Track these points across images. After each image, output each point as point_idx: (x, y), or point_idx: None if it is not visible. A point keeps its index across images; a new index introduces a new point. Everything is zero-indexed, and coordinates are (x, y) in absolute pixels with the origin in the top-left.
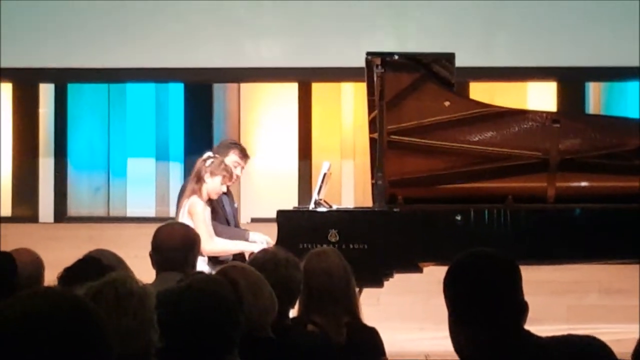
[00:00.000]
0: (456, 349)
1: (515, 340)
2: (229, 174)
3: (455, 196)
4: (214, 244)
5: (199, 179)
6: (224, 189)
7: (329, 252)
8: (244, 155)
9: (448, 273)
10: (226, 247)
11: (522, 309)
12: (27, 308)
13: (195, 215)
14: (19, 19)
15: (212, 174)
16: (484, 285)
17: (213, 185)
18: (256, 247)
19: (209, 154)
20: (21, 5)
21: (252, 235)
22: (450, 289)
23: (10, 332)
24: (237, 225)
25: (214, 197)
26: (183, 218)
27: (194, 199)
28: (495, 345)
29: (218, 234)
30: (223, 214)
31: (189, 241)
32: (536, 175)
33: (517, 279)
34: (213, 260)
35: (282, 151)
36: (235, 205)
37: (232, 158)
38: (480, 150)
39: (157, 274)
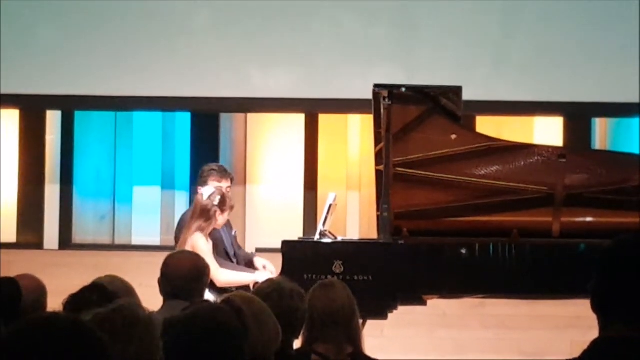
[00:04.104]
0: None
1: None
2: (232, 204)
3: (460, 229)
4: (222, 276)
5: (209, 218)
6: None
7: (335, 284)
8: (222, 176)
9: (611, 251)
10: (234, 278)
11: None
12: (32, 333)
13: (199, 251)
14: (27, 45)
15: (223, 211)
16: None
17: (223, 220)
18: (261, 278)
19: (211, 190)
20: (29, 32)
21: (258, 260)
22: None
23: (15, 357)
24: (235, 252)
25: (220, 227)
26: None
27: (197, 235)
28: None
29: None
30: (222, 245)
31: (197, 271)
32: (542, 210)
33: None
34: (218, 289)
35: (287, 181)
36: (234, 232)
37: (213, 185)
38: (486, 184)
39: (164, 302)
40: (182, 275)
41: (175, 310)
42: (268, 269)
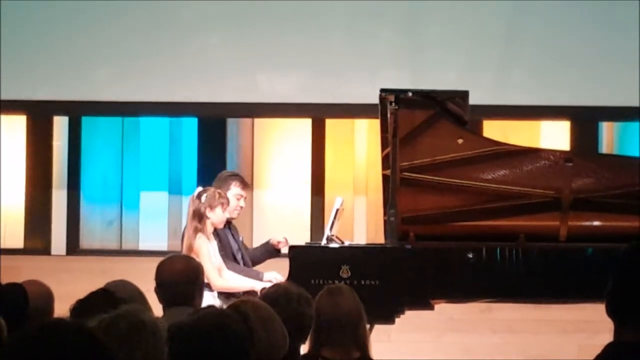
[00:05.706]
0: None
1: None
2: (226, 200)
3: (467, 234)
4: (223, 280)
5: (201, 217)
6: (227, 216)
7: (342, 289)
8: (244, 185)
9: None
10: (236, 283)
11: None
12: (38, 339)
13: (201, 255)
14: (33, 51)
15: (211, 207)
16: None
17: (216, 217)
18: (267, 284)
19: (199, 189)
20: (36, 37)
21: (267, 275)
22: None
23: None
24: (244, 257)
25: (221, 226)
26: None
27: (198, 239)
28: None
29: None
30: (230, 249)
31: (192, 273)
32: (549, 214)
33: None
34: (224, 294)
35: (294, 186)
36: (241, 238)
37: (234, 191)
38: (493, 189)
39: (165, 309)
40: (177, 281)
41: (179, 316)
42: (277, 279)
